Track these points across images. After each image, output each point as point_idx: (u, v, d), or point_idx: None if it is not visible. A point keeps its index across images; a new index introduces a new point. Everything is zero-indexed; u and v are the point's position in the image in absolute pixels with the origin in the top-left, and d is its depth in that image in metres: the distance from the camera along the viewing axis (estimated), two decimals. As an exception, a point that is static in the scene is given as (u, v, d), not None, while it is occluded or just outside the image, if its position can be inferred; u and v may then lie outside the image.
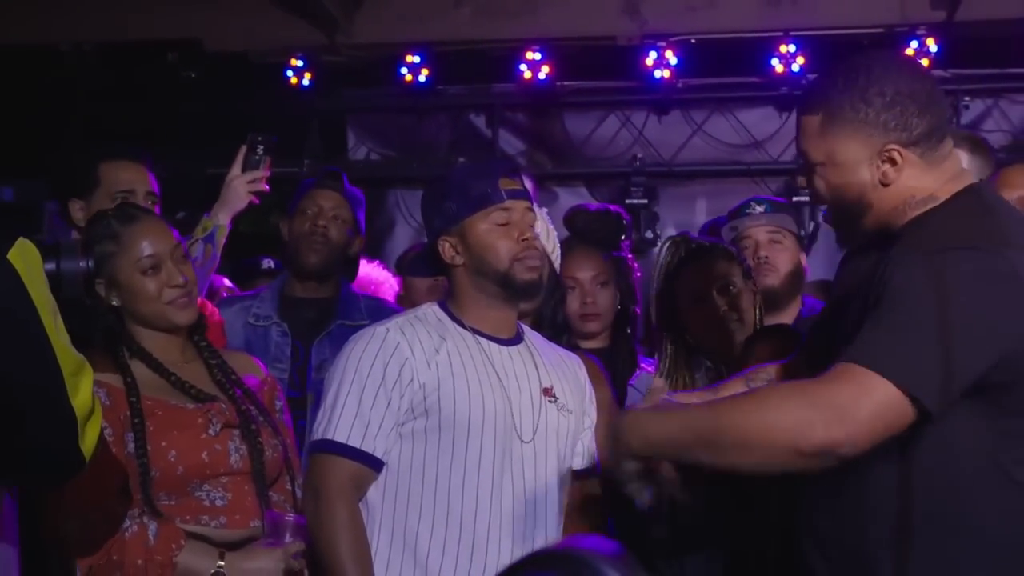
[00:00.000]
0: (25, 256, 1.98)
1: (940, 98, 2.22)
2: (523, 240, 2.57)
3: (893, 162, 2.14)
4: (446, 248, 2.62)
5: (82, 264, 2.23)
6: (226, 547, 2.55)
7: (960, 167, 2.22)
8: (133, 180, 3.16)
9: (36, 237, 2.23)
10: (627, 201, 6.08)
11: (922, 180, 2.15)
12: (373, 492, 2.54)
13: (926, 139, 2.13)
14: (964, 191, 2.16)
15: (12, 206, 2.32)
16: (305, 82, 6.31)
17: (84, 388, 2.01)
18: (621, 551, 0.84)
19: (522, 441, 2.57)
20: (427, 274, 2.85)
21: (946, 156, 2.17)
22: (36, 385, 1.96)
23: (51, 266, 2.19)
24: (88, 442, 2.04)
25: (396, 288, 4.16)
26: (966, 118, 6.30)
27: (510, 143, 6.68)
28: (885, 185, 2.15)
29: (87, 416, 2.03)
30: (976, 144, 3.32)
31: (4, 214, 2.30)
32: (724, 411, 2.10)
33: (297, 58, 6.27)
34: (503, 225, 2.57)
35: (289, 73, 6.28)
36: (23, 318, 1.94)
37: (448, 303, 2.65)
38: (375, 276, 4.14)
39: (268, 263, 4.79)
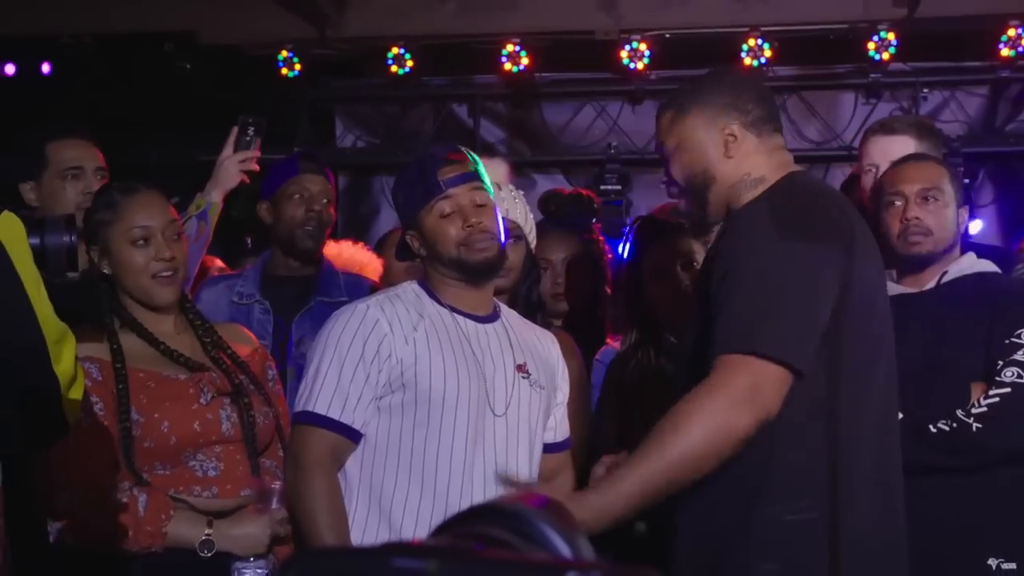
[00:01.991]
0: (9, 228, 1.97)
1: (772, 97, 2.53)
2: (468, 226, 2.54)
3: (733, 137, 2.35)
4: (412, 241, 2.63)
5: (65, 239, 2.21)
6: (218, 516, 2.54)
7: (789, 160, 2.43)
8: (81, 156, 3.11)
9: (22, 212, 2.21)
10: (602, 187, 6.07)
11: (756, 161, 2.36)
12: (351, 462, 2.53)
13: (761, 124, 2.37)
14: (788, 176, 2.38)
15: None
16: (295, 73, 6.27)
17: (67, 355, 2.01)
18: (552, 506, 0.82)
19: (495, 415, 2.55)
20: (405, 259, 2.84)
21: (779, 147, 2.41)
22: (19, 351, 1.95)
23: (35, 240, 2.17)
24: (71, 408, 2.03)
25: (379, 269, 4.14)
26: (924, 109, 6.29)
27: (490, 131, 6.66)
28: (728, 158, 2.35)
29: (70, 383, 2.02)
30: (924, 129, 3.32)
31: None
32: (662, 452, 2.21)
33: (287, 50, 6.23)
34: (448, 215, 2.55)
35: (280, 64, 6.25)
36: (6, 287, 1.93)
37: (427, 280, 2.64)
38: (359, 258, 4.11)
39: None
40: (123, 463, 2.49)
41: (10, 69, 6.15)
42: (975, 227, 5.65)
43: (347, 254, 4.01)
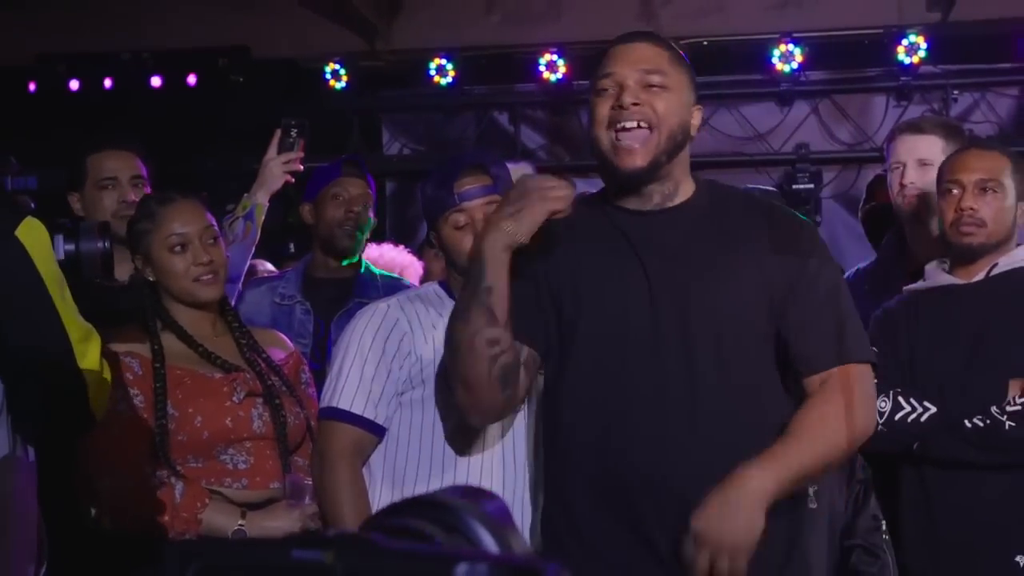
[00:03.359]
0: (32, 233, 2.01)
1: None
2: None
3: (697, 120, 2.26)
4: (435, 240, 2.66)
5: (99, 244, 2.24)
6: (248, 507, 2.56)
7: None
8: (116, 168, 3.14)
9: (59, 220, 2.24)
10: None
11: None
12: (375, 457, 2.56)
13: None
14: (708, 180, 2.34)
15: (36, 192, 2.34)
16: (342, 84, 6.32)
17: (92, 353, 2.05)
18: (496, 504, 0.81)
19: None
20: (434, 248, 2.88)
21: None
22: (45, 350, 1.99)
23: (71, 247, 2.20)
24: (98, 403, 2.08)
25: (420, 271, 4.15)
26: (955, 111, 6.20)
27: (531, 138, 6.67)
28: (691, 136, 2.24)
29: (96, 379, 2.05)
30: (951, 130, 3.26)
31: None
32: (813, 444, 2.15)
33: (335, 62, 6.28)
34: (462, 227, 2.54)
35: (328, 76, 6.29)
36: (31, 290, 1.98)
37: (448, 281, 2.64)
38: (400, 260, 4.14)
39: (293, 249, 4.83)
40: (160, 454, 2.52)
41: (74, 85, 6.24)
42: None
43: (388, 256, 4.04)
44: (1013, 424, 2.57)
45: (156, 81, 6.22)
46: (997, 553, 2.60)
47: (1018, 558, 2.58)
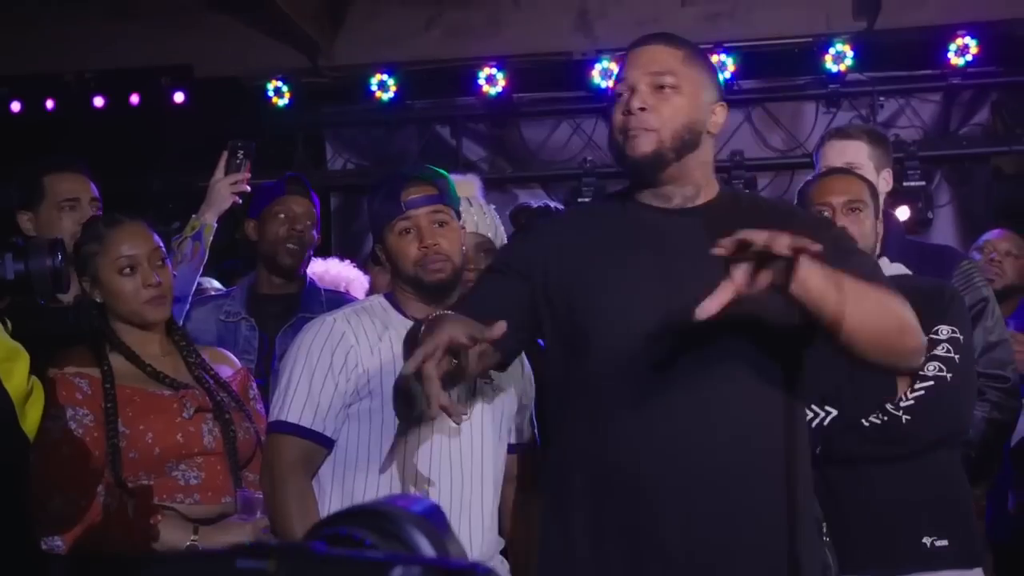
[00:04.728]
0: None
1: None
2: (423, 247, 2.56)
3: (719, 119, 2.23)
4: (380, 253, 2.67)
5: (48, 263, 2.21)
6: (200, 522, 2.55)
7: None
8: (76, 189, 3.15)
9: (8, 240, 2.21)
10: (579, 200, 6.08)
11: (711, 154, 2.26)
12: (324, 468, 2.55)
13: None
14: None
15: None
16: (285, 101, 6.30)
17: (19, 373, 2.01)
18: (432, 510, 0.83)
19: None
20: (378, 264, 2.89)
21: None
22: None
23: (20, 266, 2.17)
24: (29, 422, 2.04)
25: (366, 285, 4.16)
26: (882, 116, 6.31)
27: (472, 151, 6.68)
28: (711, 134, 2.22)
29: (24, 398, 2.01)
30: (875, 137, 3.34)
31: None
32: (882, 294, 2.09)
33: (278, 79, 6.27)
34: (406, 233, 2.57)
35: (271, 94, 6.28)
36: None
37: (393, 293, 2.65)
38: (347, 275, 4.14)
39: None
40: (110, 473, 2.51)
41: (16, 106, 6.18)
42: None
43: (334, 271, 4.04)
44: (909, 417, 2.67)
45: (99, 101, 6.17)
46: (907, 538, 2.69)
47: (925, 539, 2.67)
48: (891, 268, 2.88)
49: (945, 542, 2.67)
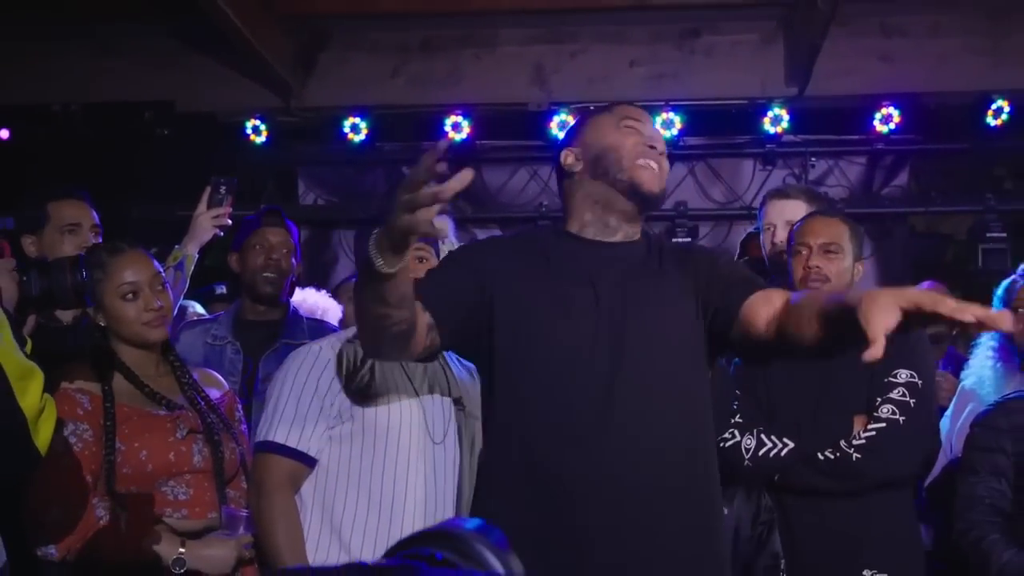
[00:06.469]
0: None
1: None
2: None
3: None
4: None
5: (70, 278, 2.20)
6: (187, 536, 2.52)
7: None
8: (78, 215, 3.14)
9: (33, 258, 2.19)
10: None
11: None
12: (306, 486, 2.55)
13: None
14: None
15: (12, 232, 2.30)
16: (262, 139, 6.28)
17: (33, 391, 1.96)
18: (493, 530, 0.84)
19: (434, 442, 2.57)
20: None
21: None
22: None
23: (44, 283, 2.16)
24: (42, 439, 2.00)
25: (340, 314, 4.15)
26: (813, 175, 6.45)
27: (436, 192, 6.68)
28: None
29: (37, 415, 1.98)
30: (812, 195, 3.43)
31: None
32: None
33: (256, 118, 6.25)
34: None
35: (249, 131, 6.26)
36: None
37: None
38: (323, 304, 4.12)
39: (221, 289, 4.78)
40: (104, 487, 2.47)
41: (4, 134, 6.09)
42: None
43: (312, 300, 4.02)
44: (859, 456, 2.69)
45: (85, 132, 6.10)
46: (848, 568, 2.71)
47: (865, 572, 2.70)
48: None
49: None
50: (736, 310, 2.12)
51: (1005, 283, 3.39)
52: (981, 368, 3.35)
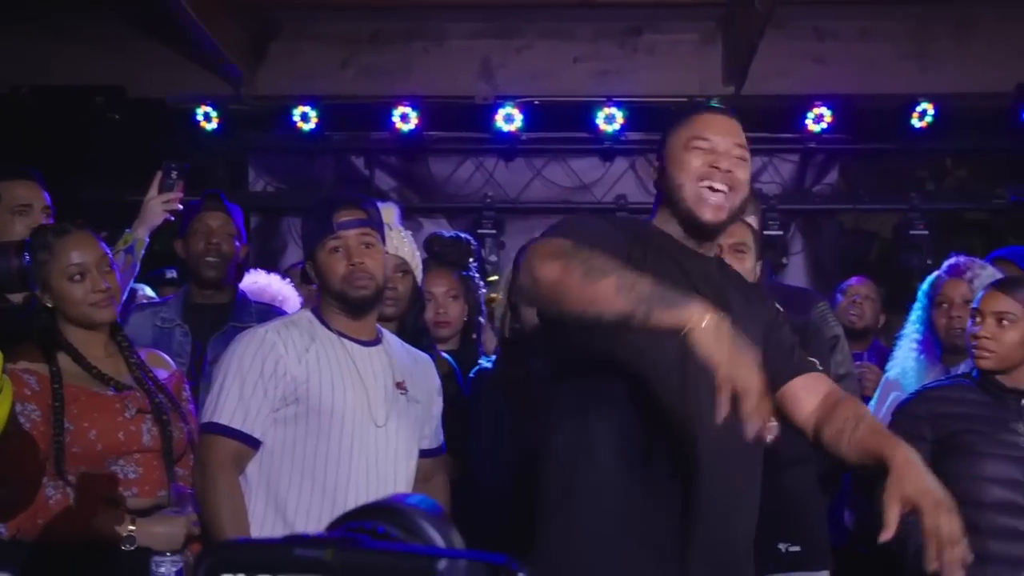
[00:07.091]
0: None
1: None
2: (350, 265, 2.58)
3: None
4: (310, 270, 2.67)
5: (15, 262, 2.18)
6: (137, 513, 2.52)
7: None
8: (29, 196, 3.09)
9: None
10: (478, 231, 6.13)
11: None
12: (251, 466, 2.55)
13: None
14: None
15: None
16: (213, 125, 6.22)
17: None
18: (439, 509, 0.86)
19: (376, 426, 2.59)
20: (307, 283, 2.86)
21: None
22: None
23: None
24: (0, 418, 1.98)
25: (298, 304, 4.11)
26: (748, 172, 6.51)
27: (384, 181, 6.70)
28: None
29: None
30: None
31: None
32: None
33: (207, 105, 6.19)
34: (336, 251, 2.59)
35: (199, 118, 6.19)
36: None
37: (319, 309, 2.65)
38: (285, 292, 4.07)
39: (171, 273, 4.74)
40: (53, 466, 2.45)
41: (-48, 118, 5.97)
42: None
43: (275, 287, 3.97)
44: (771, 436, 2.76)
45: (36, 115, 6.00)
46: (767, 544, 2.79)
47: (780, 546, 2.79)
48: None
49: (798, 548, 2.78)
50: (779, 385, 2.14)
51: (930, 278, 3.49)
52: (904, 360, 3.44)
